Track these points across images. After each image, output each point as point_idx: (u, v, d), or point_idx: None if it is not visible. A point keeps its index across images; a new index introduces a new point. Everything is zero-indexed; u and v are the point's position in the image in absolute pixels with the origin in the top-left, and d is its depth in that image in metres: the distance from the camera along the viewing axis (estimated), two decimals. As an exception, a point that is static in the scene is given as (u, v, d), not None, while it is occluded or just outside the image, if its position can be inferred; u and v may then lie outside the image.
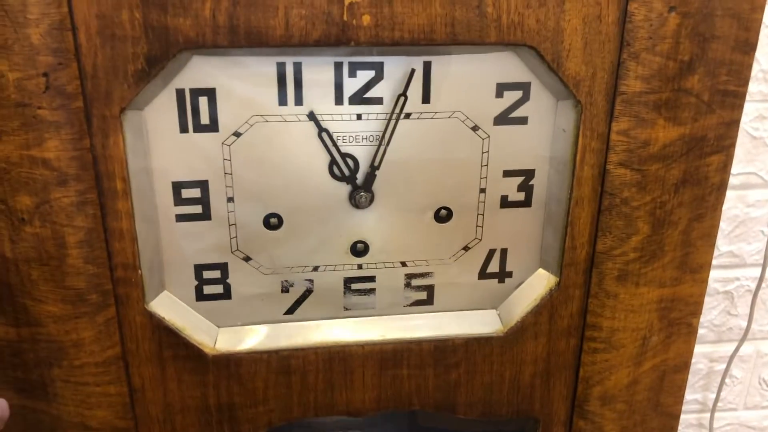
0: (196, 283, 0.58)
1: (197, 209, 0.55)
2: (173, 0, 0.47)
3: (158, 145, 0.53)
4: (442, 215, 0.59)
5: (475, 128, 0.56)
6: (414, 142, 0.56)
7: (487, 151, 0.57)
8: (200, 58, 0.51)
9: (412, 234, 0.59)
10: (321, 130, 0.54)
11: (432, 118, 0.55)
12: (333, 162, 0.56)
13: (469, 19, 0.50)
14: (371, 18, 0.49)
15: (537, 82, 0.56)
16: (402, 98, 0.54)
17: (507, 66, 0.55)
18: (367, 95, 0.54)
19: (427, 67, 0.54)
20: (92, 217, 0.51)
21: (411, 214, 0.59)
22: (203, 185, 0.55)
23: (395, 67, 0.54)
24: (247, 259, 0.58)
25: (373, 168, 0.56)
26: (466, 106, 0.55)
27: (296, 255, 0.59)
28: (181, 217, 0.55)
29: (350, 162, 0.56)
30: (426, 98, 0.55)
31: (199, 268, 0.58)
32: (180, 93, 0.52)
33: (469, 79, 0.54)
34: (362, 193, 0.56)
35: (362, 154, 0.56)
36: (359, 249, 0.59)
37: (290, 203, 0.57)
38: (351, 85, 0.53)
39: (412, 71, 0.53)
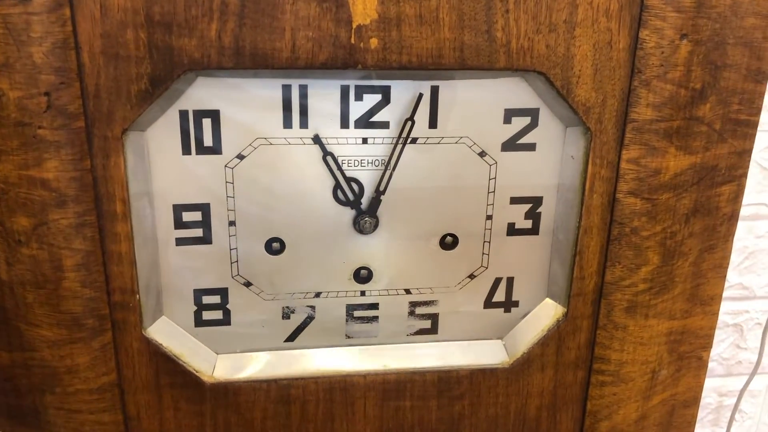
0: (195, 308, 0.57)
1: (198, 233, 0.54)
2: (179, 20, 0.46)
3: (160, 167, 0.52)
4: (448, 242, 0.58)
5: (482, 154, 0.55)
6: (420, 168, 0.55)
7: (494, 178, 0.56)
8: (205, 80, 0.50)
9: (416, 261, 0.58)
10: (326, 153, 0.53)
11: (439, 143, 0.54)
12: (337, 186, 0.55)
13: (478, 43, 0.49)
14: (379, 41, 0.48)
15: (545, 108, 0.55)
16: (409, 123, 0.53)
17: (515, 92, 0.54)
18: (374, 119, 0.53)
19: (434, 91, 0.53)
20: (90, 239, 0.50)
21: (416, 240, 0.57)
22: (204, 208, 0.54)
23: (402, 91, 0.53)
24: (247, 284, 0.57)
25: (379, 193, 0.55)
26: (473, 131, 0.54)
27: (298, 281, 0.57)
28: (181, 241, 0.54)
29: (355, 186, 0.55)
30: (433, 123, 0.54)
31: (198, 293, 0.56)
32: (183, 114, 0.51)
33: (477, 104, 0.54)
34: (367, 219, 0.55)
35: (367, 178, 0.55)
36: (363, 275, 0.58)
37: (293, 228, 0.55)
38: (357, 109, 0.53)
39: (420, 96, 0.53)
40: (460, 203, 0.56)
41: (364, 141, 0.54)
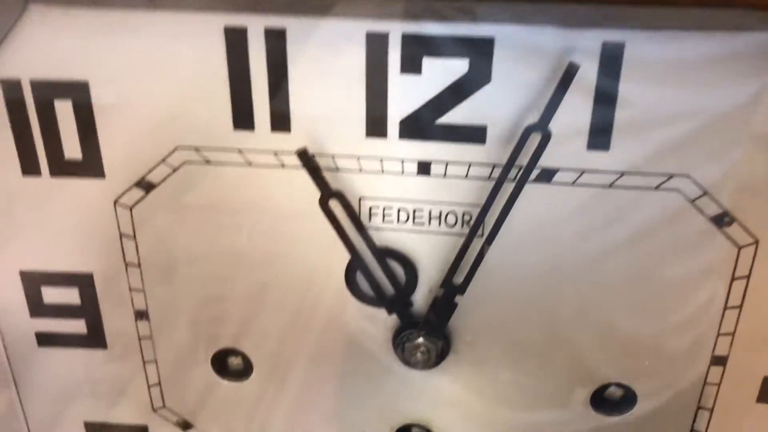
0: (93, 452, 0.31)
1: (77, 327, 0.28)
2: None
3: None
4: (611, 397, 0.27)
5: (720, 219, 0.22)
6: (558, 237, 0.24)
7: (749, 276, 0.23)
8: (45, 11, 0.21)
9: (532, 428, 0.27)
10: (329, 193, 0.23)
11: (611, 185, 0.22)
12: (355, 264, 0.24)
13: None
14: None
15: None
16: (538, 134, 0.21)
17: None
18: (445, 120, 0.22)
19: (612, 54, 0.20)
20: None
21: (537, 388, 0.26)
22: (83, 282, 0.27)
23: (522, 52, 0.21)
24: (185, 425, 0.29)
25: (451, 289, 0.23)
26: (701, 163, 0.22)
27: (280, 426, 0.28)
28: (46, 339, 0.28)
29: (397, 267, 0.24)
30: (601, 140, 0.21)
31: (93, 430, 0.29)
32: (12, 89, 0.23)
33: (717, 93, 0.20)
34: (420, 340, 0.25)
35: (426, 252, 0.26)
36: (413, 439, 0.29)
37: (263, 331, 0.26)
38: (407, 95, 0.22)
39: (572, 68, 0.20)
40: (651, 322, 0.25)
41: (423, 169, 0.22)
